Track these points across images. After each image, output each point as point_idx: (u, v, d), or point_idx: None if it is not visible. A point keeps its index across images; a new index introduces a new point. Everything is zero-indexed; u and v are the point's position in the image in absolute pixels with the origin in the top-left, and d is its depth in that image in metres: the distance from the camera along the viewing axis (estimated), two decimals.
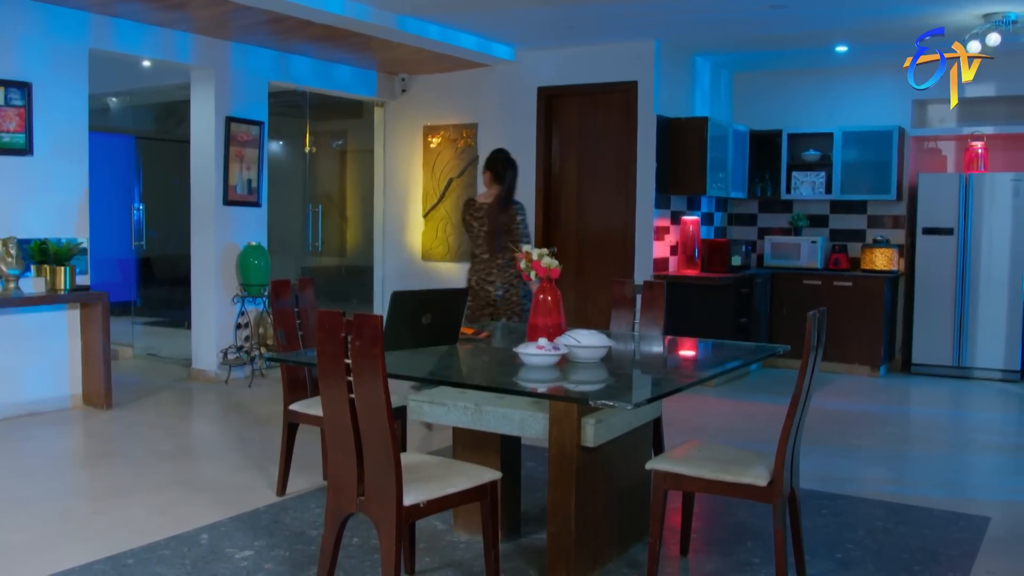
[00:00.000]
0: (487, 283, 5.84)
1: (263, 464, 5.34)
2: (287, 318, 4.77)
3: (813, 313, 3.68)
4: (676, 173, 8.10)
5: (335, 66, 8.63)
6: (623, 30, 7.61)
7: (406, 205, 9.25)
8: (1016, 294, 8.01)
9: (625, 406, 3.22)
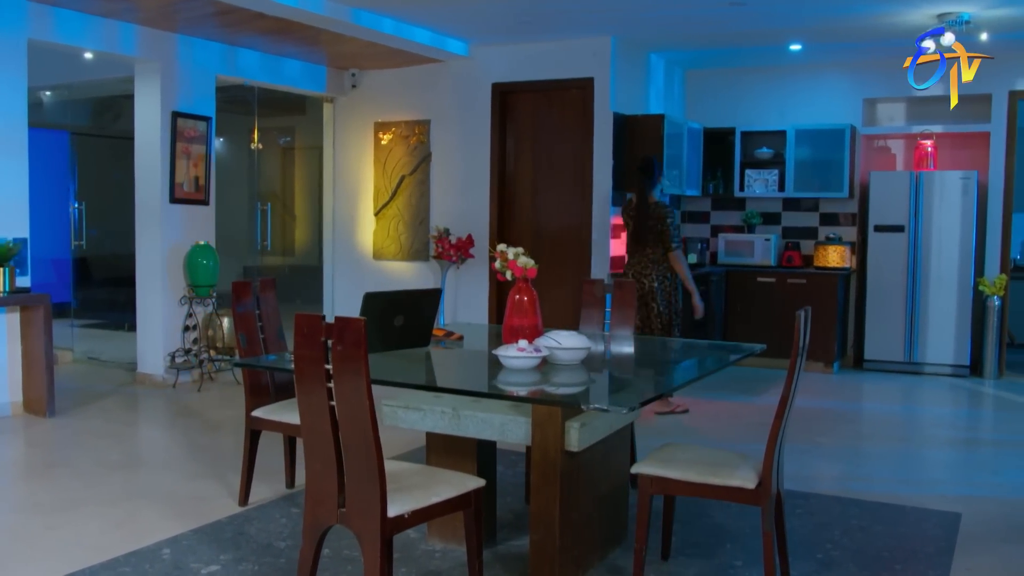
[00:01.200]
0: (643, 276, 6.44)
1: (221, 472, 5.14)
2: (248, 321, 4.58)
3: (801, 312, 3.63)
4: (632, 171, 8.03)
5: (284, 60, 8.41)
6: (579, 26, 7.53)
7: (357, 203, 9.05)
8: (965, 291, 8.13)
9: (620, 410, 3.13)
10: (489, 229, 8.39)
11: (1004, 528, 4.49)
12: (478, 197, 8.44)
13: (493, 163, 8.36)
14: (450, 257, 8.19)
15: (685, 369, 4.29)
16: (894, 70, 8.46)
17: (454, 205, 8.55)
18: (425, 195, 8.67)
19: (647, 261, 6.50)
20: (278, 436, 4.96)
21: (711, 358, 4.54)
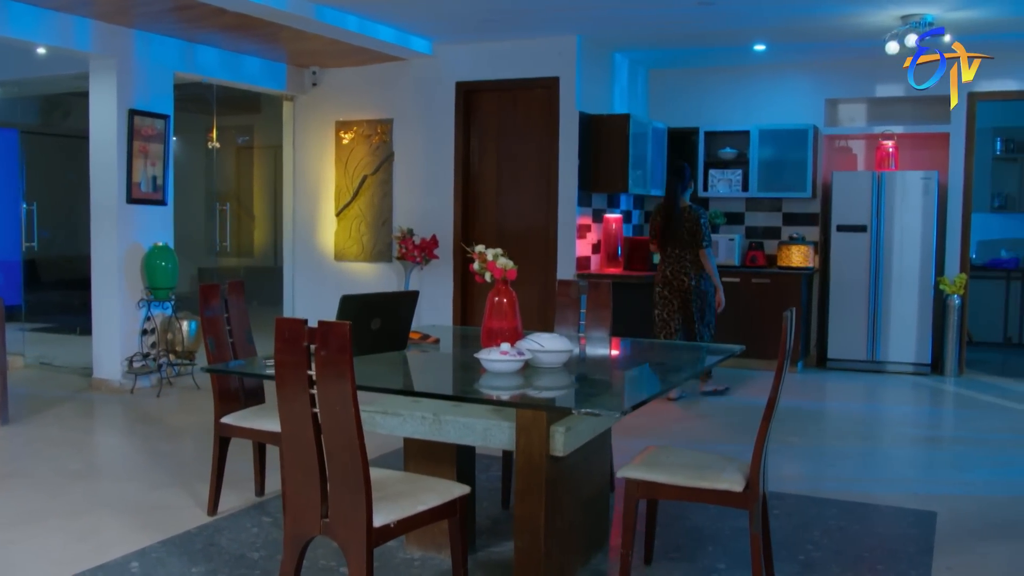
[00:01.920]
0: (683, 275, 6.92)
1: (187, 481, 4.99)
2: (217, 325, 4.44)
3: (788, 313, 3.61)
4: (597, 171, 8.01)
5: (244, 57, 8.23)
6: (544, 25, 7.47)
7: (317, 203, 8.90)
8: (926, 289, 8.22)
9: (613, 414, 3.07)
10: (453, 229, 8.30)
11: (980, 526, 4.51)
12: (442, 197, 8.34)
13: (457, 163, 8.27)
14: (414, 258, 8.09)
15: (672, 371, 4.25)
16: (856, 71, 8.56)
17: (417, 205, 8.45)
18: (388, 195, 8.55)
19: (685, 262, 6.96)
20: (244, 442, 4.82)
21: (693, 358, 4.50)
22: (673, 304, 7.01)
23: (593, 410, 3.09)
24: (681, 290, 6.97)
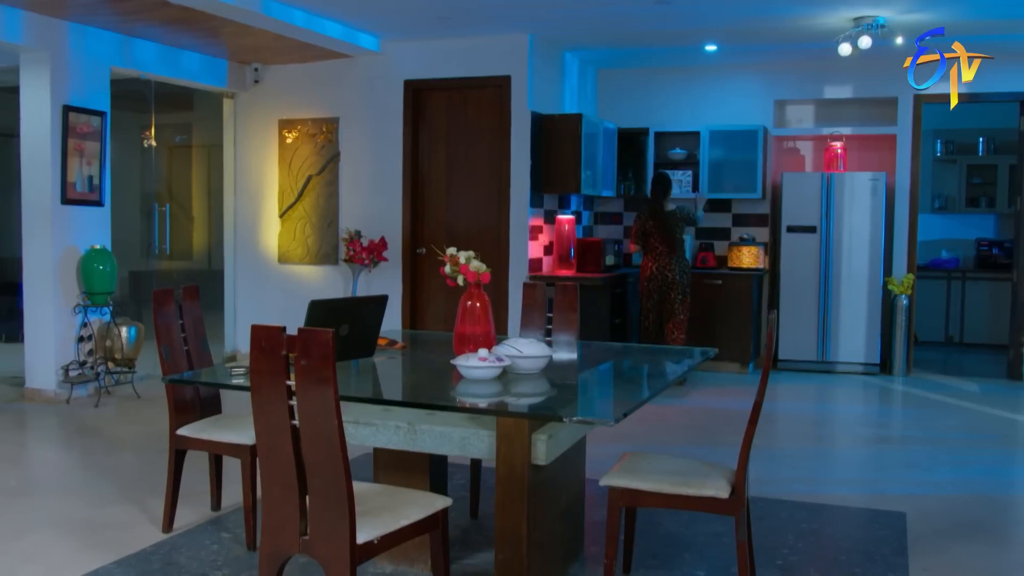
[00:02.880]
0: (667, 270, 7.65)
1: (136, 495, 4.74)
2: (171, 332, 4.22)
3: (771, 315, 3.55)
4: (549, 171, 7.92)
5: (183, 53, 7.94)
6: (496, 23, 7.35)
7: (260, 204, 8.64)
8: (875, 290, 8.30)
9: (608, 421, 2.96)
10: (402, 231, 8.12)
11: (949, 526, 4.52)
12: (390, 198, 8.16)
13: (406, 163, 8.09)
14: (362, 260, 7.89)
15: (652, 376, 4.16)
16: (804, 73, 8.61)
17: (365, 206, 8.25)
18: (334, 196, 8.34)
19: (670, 259, 7.65)
20: (197, 454, 4.59)
21: (668, 363, 4.42)
22: (654, 297, 7.70)
23: (586, 418, 2.98)
24: (665, 283, 7.66)
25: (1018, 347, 8.17)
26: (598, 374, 4.23)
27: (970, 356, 9.59)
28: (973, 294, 10.09)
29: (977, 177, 10.29)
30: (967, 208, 10.32)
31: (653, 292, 7.73)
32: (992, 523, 4.67)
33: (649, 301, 7.75)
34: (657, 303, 7.73)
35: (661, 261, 7.66)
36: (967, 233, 10.40)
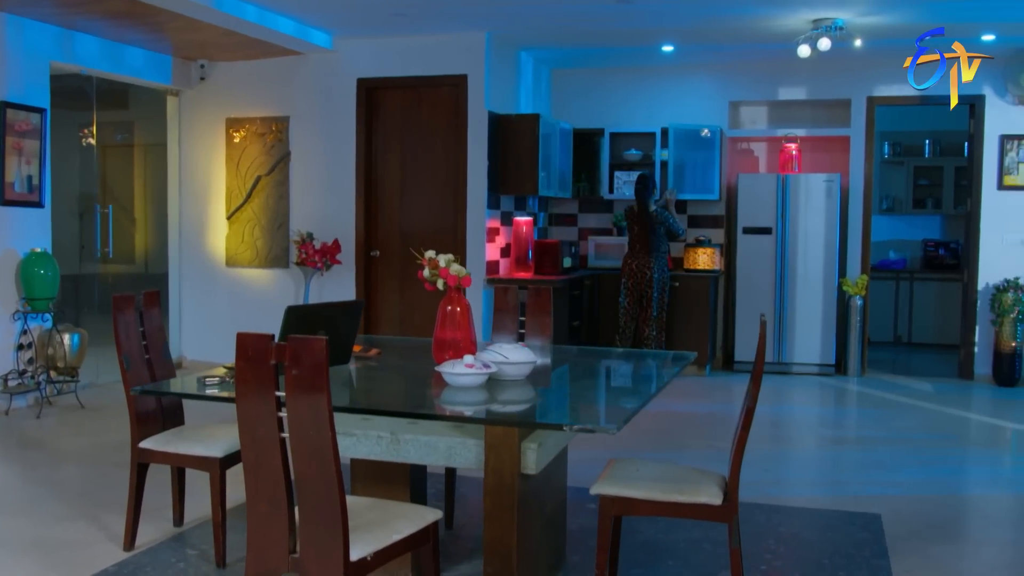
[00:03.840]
0: (645, 268, 7.85)
1: (91, 512, 4.50)
2: (132, 340, 4.01)
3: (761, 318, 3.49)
4: (506, 172, 7.81)
5: (127, 48, 7.64)
6: (453, 21, 7.23)
7: (207, 206, 8.37)
8: (830, 291, 8.35)
9: (611, 429, 2.86)
10: (355, 233, 7.94)
11: (924, 527, 4.52)
12: (343, 199, 7.97)
13: (359, 163, 7.91)
14: (314, 263, 7.68)
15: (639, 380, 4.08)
16: (758, 74, 8.64)
17: (316, 208, 8.04)
18: (284, 197, 8.11)
19: (649, 257, 7.85)
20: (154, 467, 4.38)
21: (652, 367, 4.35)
22: (634, 294, 7.92)
23: (588, 426, 2.88)
24: (643, 281, 7.88)
25: (970, 347, 8.29)
26: (582, 380, 4.13)
27: (920, 356, 9.73)
28: (921, 294, 10.26)
29: (924, 179, 10.46)
30: (914, 209, 10.49)
31: (632, 290, 7.91)
32: (965, 523, 4.70)
33: (627, 299, 7.94)
34: (635, 301, 7.91)
35: (640, 259, 7.87)
36: (914, 234, 10.57)
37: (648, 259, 7.84)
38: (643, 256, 7.86)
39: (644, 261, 7.85)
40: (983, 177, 8.16)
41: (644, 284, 7.87)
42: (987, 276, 8.17)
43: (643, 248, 7.87)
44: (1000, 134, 8.09)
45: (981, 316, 8.21)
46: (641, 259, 7.87)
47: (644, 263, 7.85)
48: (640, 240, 7.89)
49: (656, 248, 7.86)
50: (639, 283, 7.88)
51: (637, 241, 7.92)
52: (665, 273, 7.94)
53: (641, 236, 7.88)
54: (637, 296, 7.91)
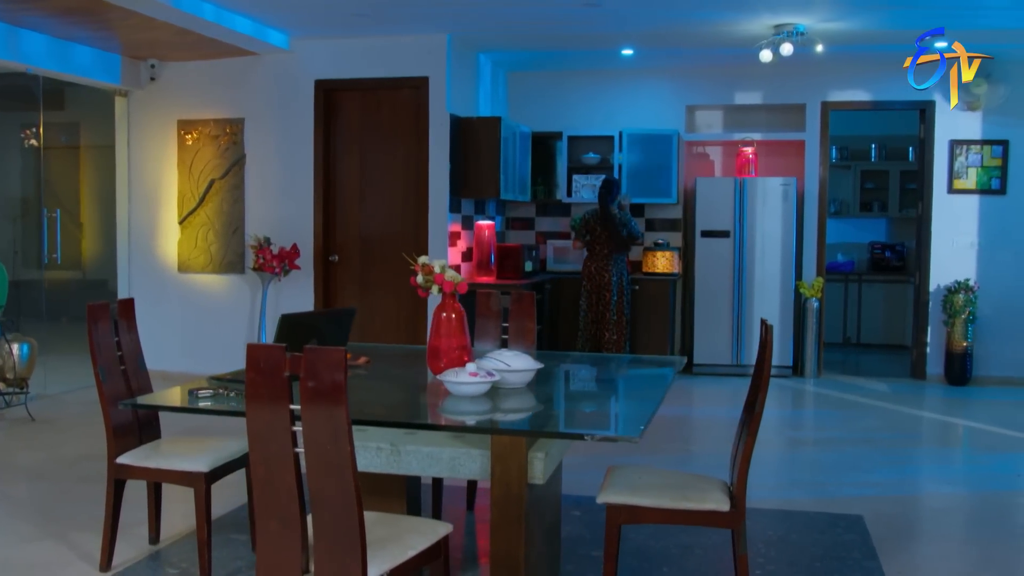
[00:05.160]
0: (603, 271, 7.80)
1: (58, 531, 4.30)
2: (108, 351, 3.83)
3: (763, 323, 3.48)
4: (467, 175, 7.72)
5: (74, 46, 7.36)
6: (414, 22, 7.12)
7: (158, 210, 8.11)
8: (788, 293, 8.44)
9: (633, 438, 2.81)
10: (314, 238, 7.77)
11: (907, 528, 4.58)
12: (300, 203, 7.80)
13: (317, 166, 7.75)
14: (272, 269, 7.50)
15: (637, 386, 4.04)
16: (716, 78, 8.70)
17: (273, 212, 7.86)
18: (239, 201, 7.91)
19: (608, 260, 7.82)
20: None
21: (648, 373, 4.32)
22: (592, 299, 7.84)
23: (609, 435, 2.82)
24: (601, 284, 7.82)
25: (922, 347, 8.46)
26: (577, 386, 4.08)
27: (870, 356, 9.89)
28: (869, 296, 10.44)
29: (870, 182, 10.66)
30: (861, 212, 10.68)
31: (591, 294, 7.85)
32: (946, 523, 4.76)
33: (586, 303, 7.88)
34: (594, 304, 7.85)
35: (599, 263, 7.80)
36: (861, 237, 10.76)
37: (607, 263, 7.79)
38: (603, 260, 7.81)
39: (603, 264, 7.80)
40: (933, 181, 8.33)
41: (603, 288, 7.81)
42: (938, 278, 8.34)
43: (604, 252, 7.83)
44: (950, 139, 8.27)
45: (933, 317, 8.38)
46: (600, 263, 7.82)
47: (603, 266, 7.80)
48: (601, 244, 7.83)
49: (616, 251, 7.84)
50: (598, 286, 7.82)
51: (598, 244, 7.85)
52: (624, 277, 7.90)
53: (603, 240, 7.82)
54: (596, 300, 7.84)
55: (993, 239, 8.24)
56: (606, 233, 7.79)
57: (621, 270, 7.86)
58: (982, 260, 8.27)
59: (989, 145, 8.20)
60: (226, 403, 3.26)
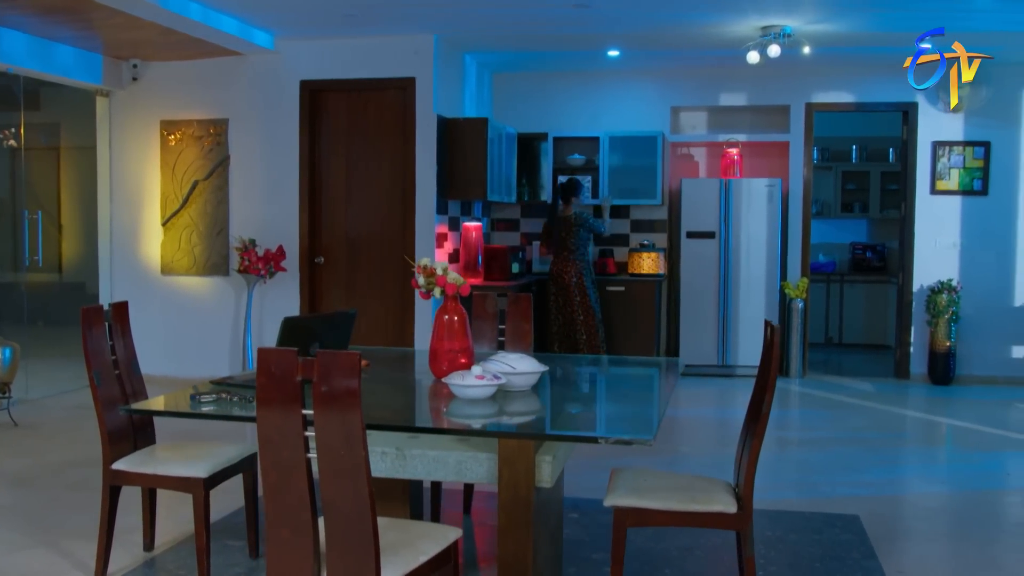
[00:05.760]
0: (564, 273, 7.88)
1: (49, 539, 4.23)
2: (102, 355, 3.77)
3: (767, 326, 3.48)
4: (454, 177, 7.69)
5: (55, 46, 7.26)
6: (401, 22, 7.08)
7: (140, 211, 8.01)
8: (772, 294, 8.47)
9: (648, 440, 2.80)
10: (299, 239, 7.71)
11: (903, 527, 4.61)
12: (285, 205, 7.73)
13: (302, 167, 7.69)
14: (258, 271, 7.43)
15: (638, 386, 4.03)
16: (700, 79, 8.72)
17: (257, 213, 7.78)
18: (223, 202, 7.83)
19: (566, 262, 7.86)
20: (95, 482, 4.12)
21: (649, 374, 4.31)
22: (559, 300, 7.93)
23: (624, 437, 2.80)
24: (563, 285, 7.92)
25: (905, 347, 8.52)
26: (579, 388, 4.06)
27: (852, 356, 9.95)
28: (850, 296, 10.51)
29: (851, 183, 10.73)
30: (842, 213, 10.74)
31: (557, 296, 7.98)
32: (941, 522, 4.78)
33: (555, 305, 8.00)
34: (562, 306, 7.96)
35: (558, 265, 7.95)
36: (842, 237, 10.83)
37: (567, 264, 7.86)
38: (563, 262, 7.89)
39: (563, 266, 7.88)
40: (916, 182, 8.40)
41: (566, 288, 7.87)
42: (921, 278, 8.40)
43: (563, 253, 7.92)
44: (932, 140, 8.34)
45: (916, 317, 8.44)
46: (561, 264, 7.91)
47: (563, 268, 7.88)
48: (560, 244, 7.94)
49: (574, 251, 7.88)
50: (562, 288, 7.90)
51: (556, 244, 7.99)
52: (586, 276, 7.92)
53: (559, 240, 7.93)
54: (563, 302, 7.92)
55: (975, 240, 8.32)
56: (560, 234, 7.91)
57: (581, 270, 7.90)
58: (964, 260, 8.34)
59: (971, 147, 8.28)
60: (229, 408, 3.21)
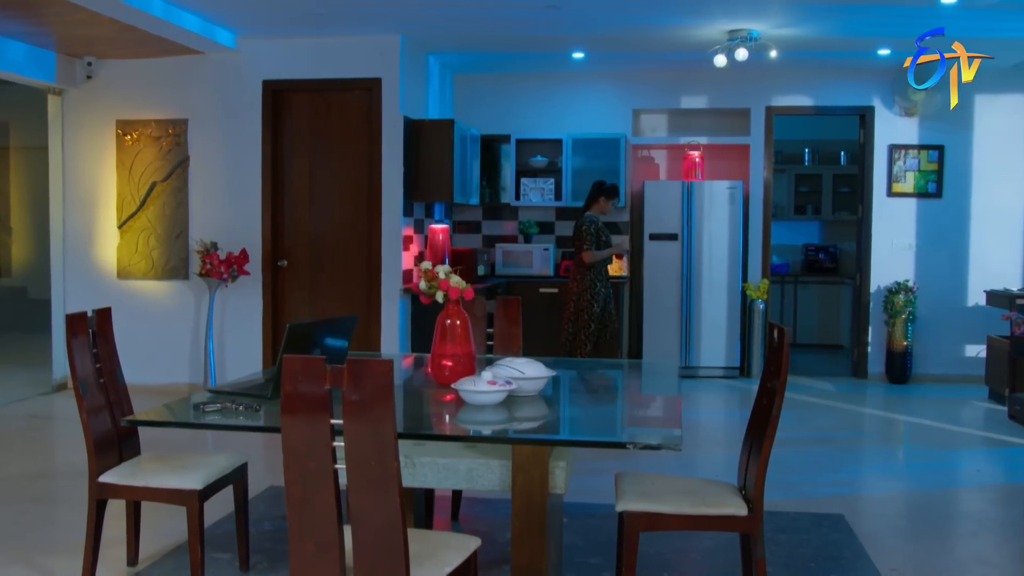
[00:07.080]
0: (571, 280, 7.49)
1: (25, 555, 4.06)
2: (87, 365, 3.62)
3: (787, 328, 3.49)
4: (419, 178, 7.61)
5: (5, 41, 6.99)
6: (366, 22, 6.97)
7: (95, 214, 7.77)
8: (735, 295, 8.55)
9: (676, 445, 2.77)
10: (262, 242, 7.55)
11: (888, 526, 4.66)
12: (247, 207, 7.56)
13: (265, 169, 7.53)
14: (220, 275, 7.26)
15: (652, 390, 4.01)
16: (662, 82, 8.77)
17: (219, 216, 7.60)
18: (183, 204, 7.63)
19: (575, 271, 7.46)
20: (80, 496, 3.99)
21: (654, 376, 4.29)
22: (569, 307, 7.49)
23: (653, 443, 2.78)
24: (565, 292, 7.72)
25: (863, 346, 8.67)
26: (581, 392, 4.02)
27: (807, 356, 10.09)
28: (803, 297, 10.67)
29: (804, 186, 10.90)
30: (795, 215, 10.90)
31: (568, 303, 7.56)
32: (925, 520, 4.85)
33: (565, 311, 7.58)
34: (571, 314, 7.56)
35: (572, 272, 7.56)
36: (795, 239, 10.99)
37: (575, 273, 7.45)
38: (574, 270, 7.50)
39: (572, 274, 7.51)
40: (873, 185, 8.55)
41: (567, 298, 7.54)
42: (878, 279, 8.56)
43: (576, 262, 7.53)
44: (888, 144, 8.50)
45: (874, 317, 8.59)
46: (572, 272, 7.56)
47: (572, 276, 7.52)
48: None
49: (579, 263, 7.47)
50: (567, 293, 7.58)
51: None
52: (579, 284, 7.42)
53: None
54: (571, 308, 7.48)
55: (930, 241, 8.51)
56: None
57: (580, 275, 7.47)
58: (920, 261, 8.52)
59: (926, 150, 8.46)
60: (235, 417, 3.11)
